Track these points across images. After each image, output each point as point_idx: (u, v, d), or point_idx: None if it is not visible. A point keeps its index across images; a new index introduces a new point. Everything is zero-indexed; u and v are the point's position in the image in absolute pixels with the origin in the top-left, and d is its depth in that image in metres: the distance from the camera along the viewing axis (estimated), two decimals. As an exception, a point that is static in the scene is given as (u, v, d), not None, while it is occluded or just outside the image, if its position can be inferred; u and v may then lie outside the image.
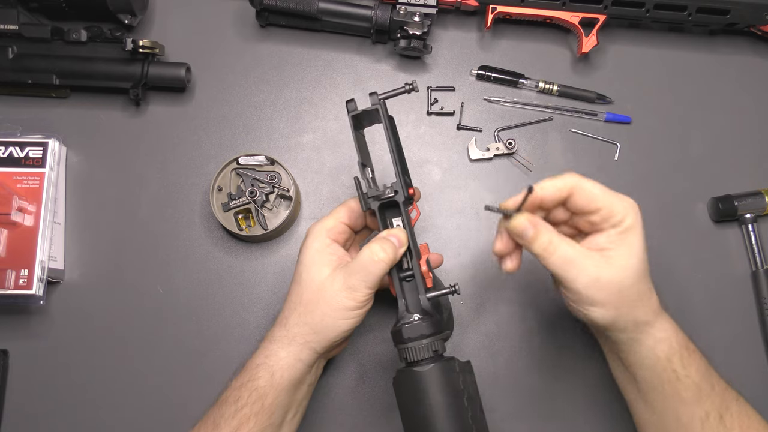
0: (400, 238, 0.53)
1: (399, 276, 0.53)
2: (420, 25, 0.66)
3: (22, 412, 0.63)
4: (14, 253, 0.61)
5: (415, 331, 0.50)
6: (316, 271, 0.54)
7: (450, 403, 0.48)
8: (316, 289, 0.53)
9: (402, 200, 0.53)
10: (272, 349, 0.54)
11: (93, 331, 0.65)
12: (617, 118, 0.70)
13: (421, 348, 0.50)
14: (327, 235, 0.55)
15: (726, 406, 0.50)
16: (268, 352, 0.54)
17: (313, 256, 0.54)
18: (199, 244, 0.67)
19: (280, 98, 0.70)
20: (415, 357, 0.50)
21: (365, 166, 0.55)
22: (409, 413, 0.49)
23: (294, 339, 0.53)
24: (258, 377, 0.53)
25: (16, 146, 0.64)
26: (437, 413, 0.47)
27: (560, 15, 0.68)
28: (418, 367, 0.49)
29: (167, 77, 0.67)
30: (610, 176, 0.69)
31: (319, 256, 0.54)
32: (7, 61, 0.66)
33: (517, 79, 0.70)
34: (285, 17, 0.69)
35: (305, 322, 0.53)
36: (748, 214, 0.67)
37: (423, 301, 0.52)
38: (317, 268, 0.54)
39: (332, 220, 0.56)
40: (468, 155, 0.69)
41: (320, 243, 0.55)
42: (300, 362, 0.53)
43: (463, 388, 0.49)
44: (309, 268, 0.54)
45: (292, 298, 0.55)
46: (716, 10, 0.67)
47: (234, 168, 0.65)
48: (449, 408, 0.48)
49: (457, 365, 0.49)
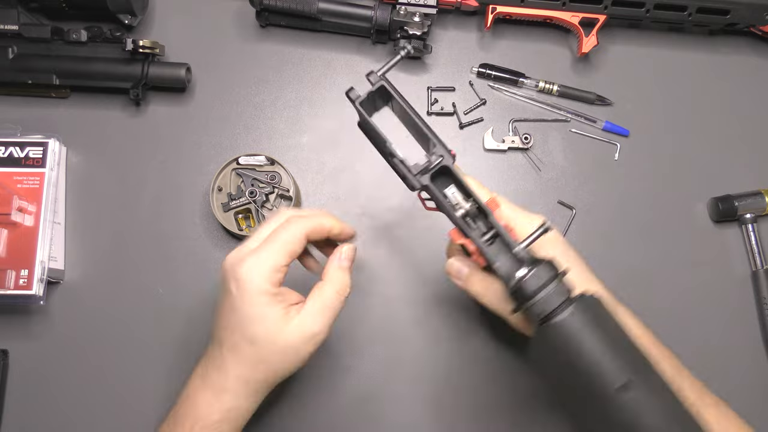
0: (350, 257, 0.51)
1: (482, 244, 0.47)
2: (420, 25, 0.66)
3: (22, 412, 0.63)
4: (14, 253, 0.61)
5: (537, 279, 0.43)
6: (274, 329, 0.48)
7: (612, 338, 0.41)
8: (278, 350, 0.48)
9: (451, 162, 0.48)
10: (227, 400, 0.49)
11: (93, 331, 0.65)
12: (615, 128, 0.70)
13: (554, 293, 0.43)
14: (271, 284, 0.48)
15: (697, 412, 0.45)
16: (228, 406, 0.49)
17: (262, 310, 0.48)
18: (199, 244, 0.67)
19: (280, 98, 0.70)
20: (552, 305, 0.43)
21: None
22: (570, 371, 0.42)
23: (248, 387, 0.50)
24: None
25: (16, 146, 0.64)
26: (604, 353, 0.40)
27: (560, 15, 0.68)
28: (559, 316, 0.42)
29: (167, 77, 0.67)
30: (610, 176, 0.69)
31: (271, 309, 0.48)
32: (7, 61, 0.66)
33: (517, 78, 0.70)
34: (285, 17, 0.69)
35: (263, 378, 0.49)
36: (748, 214, 0.67)
37: (521, 253, 0.45)
38: (271, 323, 0.48)
39: (272, 262, 0.48)
40: (483, 144, 0.69)
41: (264, 293, 0.48)
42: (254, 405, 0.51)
43: (609, 318, 0.43)
44: (261, 323, 0.48)
45: (244, 355, 0.48)
46: (716, 10, 0.67)
47: (234, 168, 0.65)
48: (614, 343, 0.41)
49: (592, 298, 0.43)
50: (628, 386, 0.40)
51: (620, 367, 0.41)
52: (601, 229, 0.68)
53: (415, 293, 0.66)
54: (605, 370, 0.40)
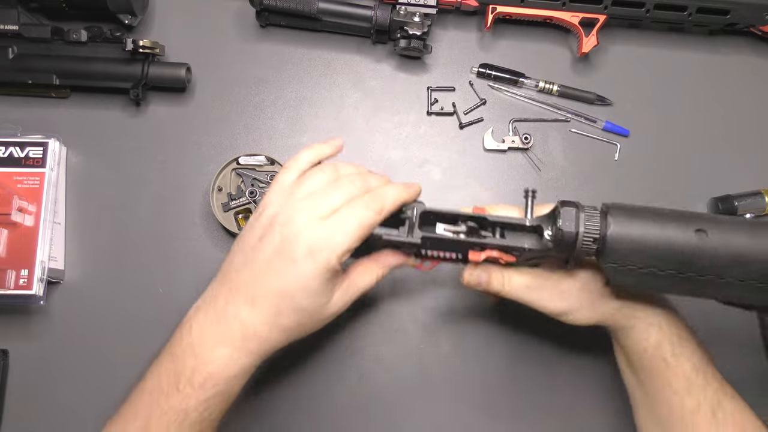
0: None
1: (500, 242, 0.48)
2: (420, 25, 0.66)
3: (22, 412, 0.63)
4: (14, 253, 0.61)
5: (567, 221, 0.45)
6: (321, 302, 0.48)
7: (656, 212, 0.45)
8: (318, 319, 0.49)
9: (425, 206, 0.50)
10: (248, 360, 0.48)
11: (93, 331, 0.65)
12: (615, 128, 0.70)
13: (589, 219, 0.45)
14: (341, 263, 0.47)
15: (718, 401, 0.50)
16: (243, 365, 0.48)
17: (321, 286, 0.47)
18: (199, 244, 0.67)
19: (280, 98, 0.70)
20: (596, 227, 0.45)
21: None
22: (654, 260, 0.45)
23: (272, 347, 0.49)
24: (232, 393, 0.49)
25: (16, 146, 0.64)
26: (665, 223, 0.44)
27: (560, 15, 0.68)
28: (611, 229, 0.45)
29: (167, 77, 0.67)
30: (610, 176, 0.69)
31: (327, 286, 0.48)
32: (7, 61, 0.66)
33: (517, 78, 0.70)
34: (285, 17, 0.69)
35: (286, 340, 0.49)
36: (748, 214, 0.67)
37: (534, 222, 0.47)
38: (321, 298, 0.48)
39: (347, 247, 0.47)
40: (483, 144, 0.69)
41: (331, 271, 0.47)
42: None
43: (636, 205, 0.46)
44: (313, 297, 0.47)
45: (281, 320, 0.47)
46: (716, 10, 0.67)
47: (234, 168, 0.65)
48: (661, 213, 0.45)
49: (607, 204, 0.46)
50: (702, 229, 0.44)
51: (685, 221, 0.44)
52: (601, 229, 0.68)
53: (417, 289, 0.66)
54: (676, 232, 0.44)
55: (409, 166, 0.69)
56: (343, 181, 0.49)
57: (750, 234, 0.44)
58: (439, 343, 0.65)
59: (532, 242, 0.48)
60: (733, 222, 0.45)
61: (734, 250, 0.44)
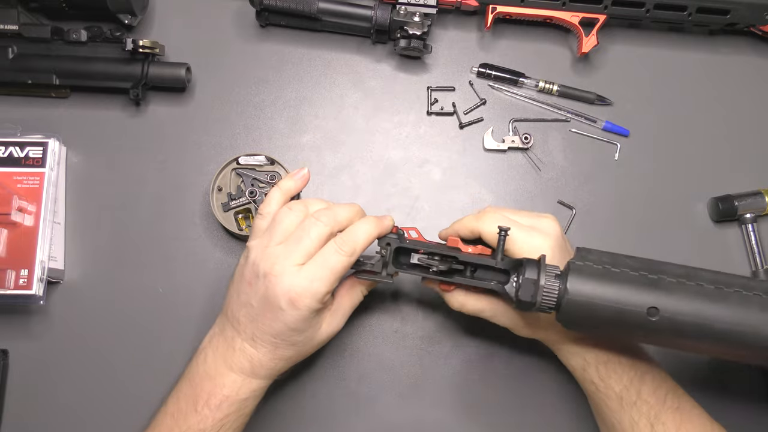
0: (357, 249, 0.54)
1: (467, 281, 0.53)
2: (420, 25, 0.66)
3: (22, 412, 0.63)
4: (14, 253, 0.61)
5: (528, 284, 0.48)
6: (313, 333, 0.53)
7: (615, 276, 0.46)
8: (315, 344, 0.54)
9: (398, 242, 0.54)
10: (256, 383, 0.53)
11: (93, 331, 0.65)
12: (615, 128, 0.70)
13: (548, 282, 0.47)
14: (323, 303, 0.51)
15: (656, 415, 0.51)
16: (255, 387, 0.53)
17: (309, 323, 0.51)
18: (199, 244, 0.67)
19: (280, 98, 0.70)
20: (554, 292, 0.47)
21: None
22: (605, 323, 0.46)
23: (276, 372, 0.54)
24: (246, 413, 0.54)
25: (16, 146, 0.64)
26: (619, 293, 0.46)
27: (560, 15, 0.68)
28: (566, 296, 0.46)
29: (167, 77, 0.67)
30: (610, 176, 0.69)
31: (315, 320, 0.52)
32: (7, 61, 0.66)
33: (517, 78, 0.70)
34: (285, 17, 0.69)
35: (289, 365, 0.55)
36: (748, 214, 0.67)
37: (501, 265, 0.51)
38: (313, 330, 0.53)
39: (325, 291, 0.50)
40: (483, 144, 0.69)
41: (315, 312, 0.51)
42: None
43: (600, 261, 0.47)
44: (304, 332, 0.52)
45: (281, 353, 0.52)
46: (716, 10, 0.67)
47: (234, 168, 0.65)
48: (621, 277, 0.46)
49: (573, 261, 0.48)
50: (653, 311, 0.45)
51: (640, 296, 0.45)
52: (601, 229, 0.68)
53: (416, 290, 0.66)
54: (629, 306, 0.45)
55: (409, 166, 0.69)
56: (310, 221, 0.51)
57: (699, 311, 0.45)
58: (440, 343, 0.65)
59: (499, 284, 0.51)
60: (689, 294, 0.45)
61: (679, 330, 0.45)
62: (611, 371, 0.53)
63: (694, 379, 0.64)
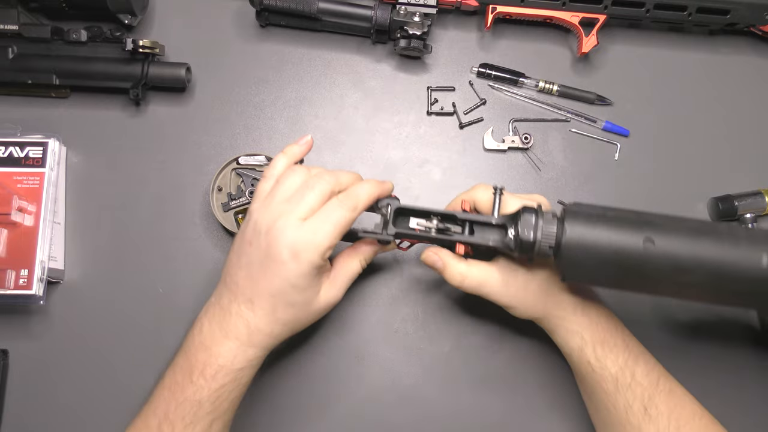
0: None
1: (467, 238, 0.53)
2: (420, 25, 0.66)
3: (22, 412, 0.63)
4: (14, 253, 0.61)
5: (526, 226, 0.49)
6: (312, 296, 0.53)
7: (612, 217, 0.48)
8: (313, 311, 0.54)
9: (398, 203, 0.55)
10: (253, 351, 0.52)
11: (93, 331, 0.65)
12: (615, 128, 0.70)
13: (547, 224, 0.49)
14: (324, 259, 0.51)
15: (649, 397, 0.52)
16: (251, 356, 0.52)
17: (310, 281, 0.51)
18: (199, 244, 0.67)
19: (280, 98, 0.70)
20: (553, 233, 0.49)
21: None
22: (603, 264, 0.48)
23: (273, 340, 0.53)
24: (242, 383, 0.53)
25: (16, 146, 0.64)
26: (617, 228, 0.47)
27: (560, 15, 0.68)
28: (565, 236, 0.48)
29: (167, 77, 0.67)
30: (610, 176, 0.70)
31: (315, 280, 0.52)
32: (7, 61, 0.66)
33: (517, 78, 0.70)
34: (285, 17, 0.70)
35: (287, 332, 0.54)
36: (748, 214, 0.67)
37: (499, 220, 0.52)
38: (312, 291, 0.53)
39: (327, 245, 0.50)
40: (483, 144, 0.69)
41: (317, 268, 0.51)
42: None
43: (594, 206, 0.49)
44: (304, 292, 0.52)
45: (279, 316, 0.52)
46: (716, 10, 0.67)
47: (234, 168, 0.65)
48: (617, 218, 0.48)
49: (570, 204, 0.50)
50: (649, 243, 0.47)
51: (635, 231, 0.47)
52: (601, 229, 0.68)
53: (416, 289, 0.66)
54: (626, 240, 0.47)
55: (409, 166, 0.69)
56: (314, 179, 0.52)
57: (693, 241, 0.47)
58: (440, 343, 0.65)
59: (497, 239, 0.53)
60: (681, 228, 0.48)
61: (676, 259, 0.47)
62: (607, 351, 0.53)
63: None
